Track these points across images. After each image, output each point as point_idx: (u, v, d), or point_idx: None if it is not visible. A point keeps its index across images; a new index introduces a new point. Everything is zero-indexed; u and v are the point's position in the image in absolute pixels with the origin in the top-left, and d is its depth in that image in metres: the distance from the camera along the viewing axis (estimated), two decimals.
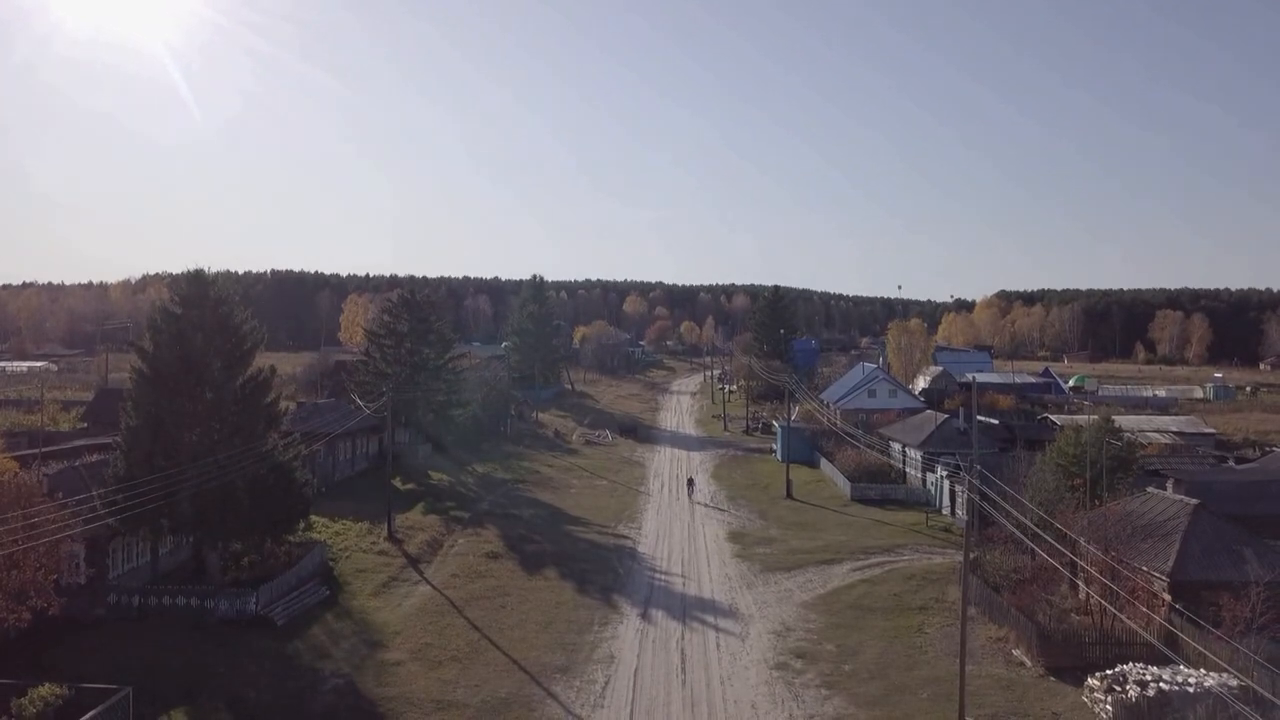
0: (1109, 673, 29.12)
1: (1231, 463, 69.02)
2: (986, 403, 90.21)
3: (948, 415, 73.07)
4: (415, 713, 29.15)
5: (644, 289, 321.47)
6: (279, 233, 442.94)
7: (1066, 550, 32.08)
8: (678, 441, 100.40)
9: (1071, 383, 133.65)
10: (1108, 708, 27.89)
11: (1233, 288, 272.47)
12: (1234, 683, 26.16)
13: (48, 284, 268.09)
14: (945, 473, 60.39)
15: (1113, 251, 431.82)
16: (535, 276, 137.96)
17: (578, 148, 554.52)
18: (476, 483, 68.84)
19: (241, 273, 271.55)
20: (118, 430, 39.03)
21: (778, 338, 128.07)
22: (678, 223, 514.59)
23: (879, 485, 66.64)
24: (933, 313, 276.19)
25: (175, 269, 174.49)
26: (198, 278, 38.79)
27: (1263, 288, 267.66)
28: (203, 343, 37.59)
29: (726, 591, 43.25)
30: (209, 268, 39.48)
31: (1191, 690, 27.03)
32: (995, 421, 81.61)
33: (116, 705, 25.51)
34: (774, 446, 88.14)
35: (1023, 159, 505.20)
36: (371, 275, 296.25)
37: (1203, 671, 27.82)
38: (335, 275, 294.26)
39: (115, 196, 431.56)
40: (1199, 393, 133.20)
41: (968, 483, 33.51)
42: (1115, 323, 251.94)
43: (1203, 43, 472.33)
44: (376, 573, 43.41)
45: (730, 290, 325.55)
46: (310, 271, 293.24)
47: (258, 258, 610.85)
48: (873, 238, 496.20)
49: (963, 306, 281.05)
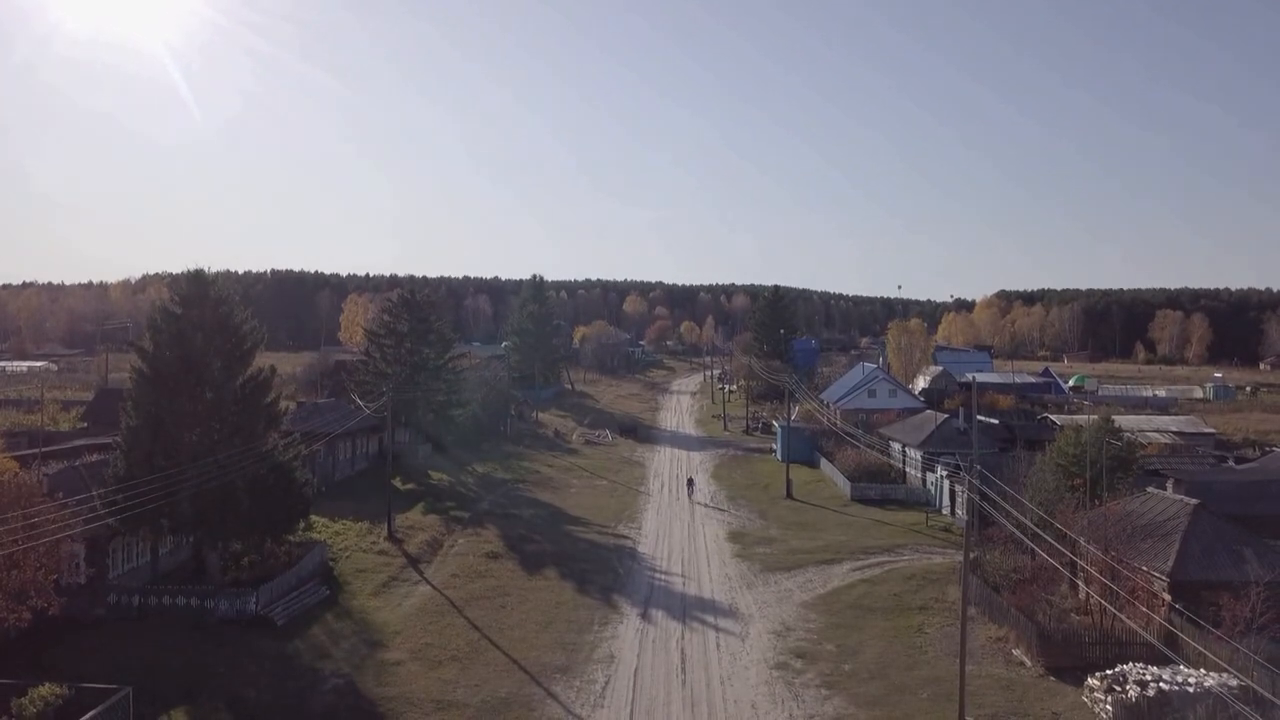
0: (1109, 673, 29.12)
1: (1231, 463, 68.94)
2: (986, 403, 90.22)
3: (948, 415, 73.04)
4: (415, 713, 29.16)
5: (644, 289, 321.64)
6: (279, 233, 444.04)
7: (1066, 550, 32.09)
8: (678, 441, 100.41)
9: (1071, 383, 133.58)
10: (1108, 708, 27.89)
11: (1233, 288, 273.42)
12: (1234, 683, 26.14)
13: (48, 284, 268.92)
14: (945, 473, 60.36)
15: (1113, 251, 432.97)
16: (535, 276, 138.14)
17: (578, 148, 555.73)
18: (476, 482, 68.83)
19: (241, 273, 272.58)
20: (118, 430, 39.04)
21: (778, 338, 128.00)
22: (678, 223, 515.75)
23: (879, 485, 66.65)
24: (933, 313, 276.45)
25: (175, 269, 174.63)
26: (198, 278, 38.82)
27: (1263, 288, 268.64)
28: (203, 343, 37.61)
29: (726, 591, 43.25)
30: (209, 268, 39.60)
31: (1191, 690, 27.03)
32: (995, 421, 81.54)
33: (116, 705, 25.52)
34: (774, 446, 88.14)
35: (1023, 159, 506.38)
36: (371, 275, 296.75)
37: (1203, 671, 27.82)
38: (335, 275, 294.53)
39: (115, 196, 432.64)
40: (1199, 393, 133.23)
41: (968, 483, 33.49)
42: (1115, 323, 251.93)
43: (1203, 43, 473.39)
44: (376, 573, 43.43)
45: (730, 290, 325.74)
46: (310, 271, 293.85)
47: (258, 258, 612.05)
48: (873, 238, 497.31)
49: (963, 306, 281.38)
